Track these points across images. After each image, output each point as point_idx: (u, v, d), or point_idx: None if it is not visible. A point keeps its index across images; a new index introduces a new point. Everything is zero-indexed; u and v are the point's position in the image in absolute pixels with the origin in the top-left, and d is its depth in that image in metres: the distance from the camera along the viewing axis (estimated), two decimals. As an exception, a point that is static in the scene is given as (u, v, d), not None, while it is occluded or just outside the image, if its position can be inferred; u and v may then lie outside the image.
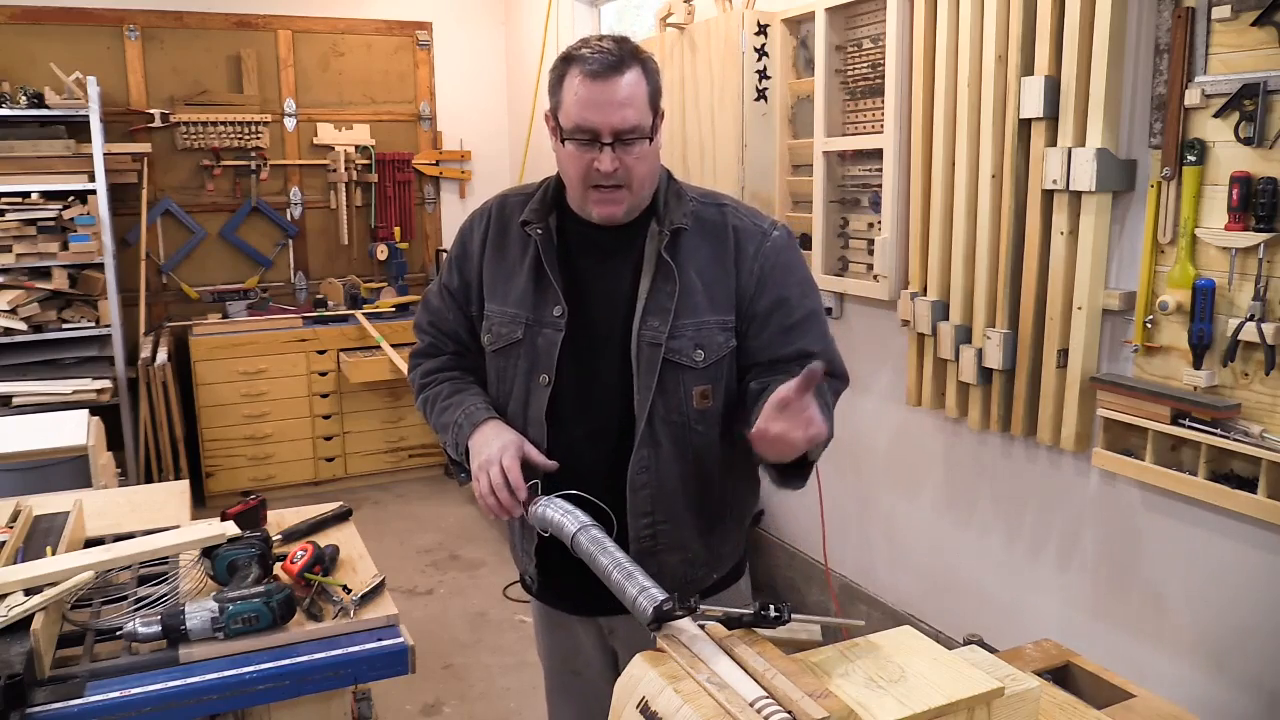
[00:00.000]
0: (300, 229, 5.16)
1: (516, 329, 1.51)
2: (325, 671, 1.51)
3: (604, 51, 1.38)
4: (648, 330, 1.45)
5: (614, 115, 1.37)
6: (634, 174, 1.42)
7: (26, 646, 1.38)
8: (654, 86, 1.43)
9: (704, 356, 1.47)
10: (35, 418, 2.85)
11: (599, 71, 1.37)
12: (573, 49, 1.42)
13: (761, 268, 1.49)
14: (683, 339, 1.46)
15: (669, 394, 1.47)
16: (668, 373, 1.46)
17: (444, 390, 1.62)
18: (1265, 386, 1.88)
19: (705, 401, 1.49)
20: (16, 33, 4.48)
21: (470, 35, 5.43)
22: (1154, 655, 2.18)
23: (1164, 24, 1.97)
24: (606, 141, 1.38)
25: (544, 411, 1.50)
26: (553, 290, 1.48)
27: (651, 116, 1.42)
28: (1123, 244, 2.16)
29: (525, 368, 1.51)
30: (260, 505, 1.93)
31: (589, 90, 1.37)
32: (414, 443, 5.06)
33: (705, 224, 1.50)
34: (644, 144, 1.41)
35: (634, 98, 1.38)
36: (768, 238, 1.51)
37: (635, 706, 1.04)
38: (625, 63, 1.38)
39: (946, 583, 2.81)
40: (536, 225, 1.50)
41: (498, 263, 1.56)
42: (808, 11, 2.96)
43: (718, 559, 1.60)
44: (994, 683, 1.02)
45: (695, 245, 1.48)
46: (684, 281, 1.46)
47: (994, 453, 2.60)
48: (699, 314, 1.47)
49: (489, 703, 3.04)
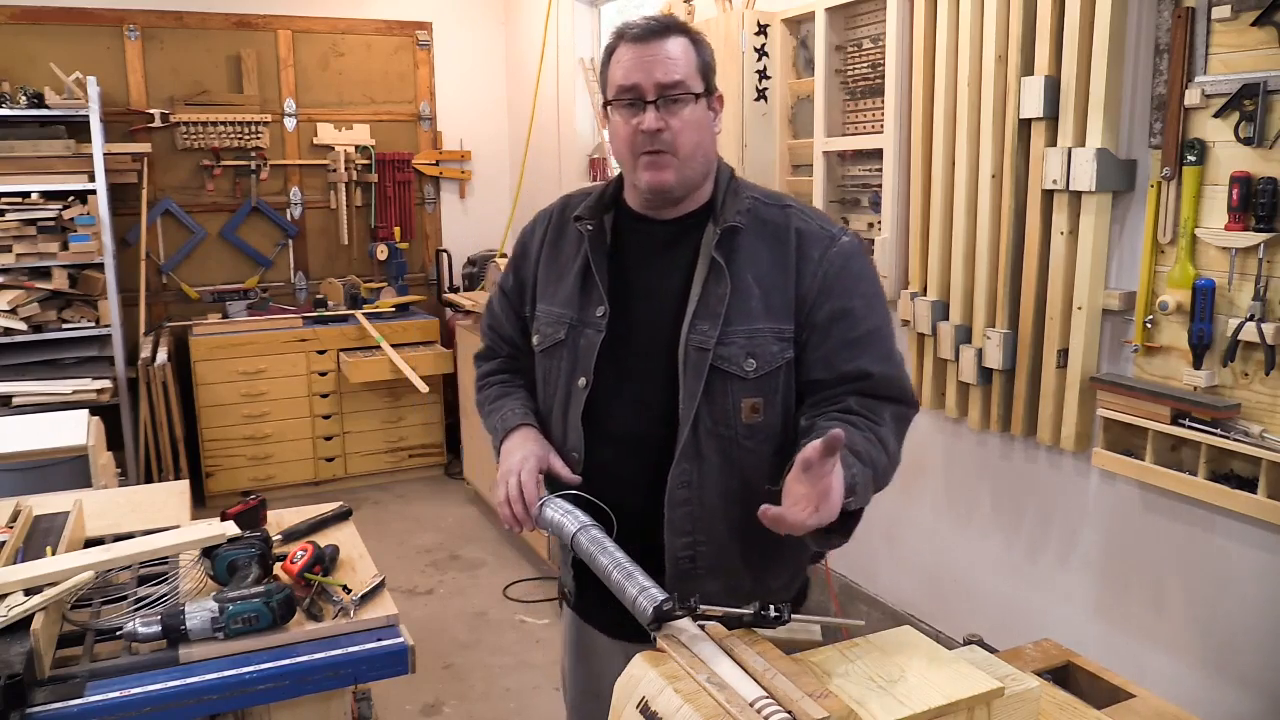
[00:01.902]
0: (300, 229, 5.16)
1: (560, 329, 1.48)
2: (325, 671, 1.51)
3: (650, 19, 1.39)
4: (696, 334, 1.38)
5: (657, 70, 1.34)
6: (680, 138, 1.36)
7: (26, 646, 1.37)
8: (704, 59, 1.39)
9: (755, 366, 1.37)
10: (35, 418, 2.85)
11: (642, 36, 1.37)
12: (623, 24, 1.42)
13: (825, 274, 1.38)
14: (733, 345, 1.37)
15: (716, 404, 1.38)
16: (715, 381, 1.37)
17: (492, 394, 1.61)
18: (1265, 386, 1.88)
19: (755, 415, 1.38)
20: (16, 33, 4.48)
21: (470, 35, 5.43)
22: (1154, 655, 2.18)
23: (1164, 24, 1.97)
24: (650, 99, 1.35)
25: (581, 415, 1.45)
26: (597, 289, 1.44)
27: (702, 84, 1.38)
28: (1123, 244, 2.16)
29: (567, 369, 1.47)
30: (260, 505, 1.93)
31: (632, 52, 1.36)
32: (414, 443, 5.06)
33: (765, 224, 1.42)
34: (690, 105, 1.36)
35: (679, 58, 1.36)
36: (835, 242, 1.41)
37: (635, 706, 1.04)
38: (671, 30, 1.37)
39: (946, 583, 2.81)
40: (588, 221, 1.46)
41: (552, 262, 1.53)
42: (808, 11, 2.96)
43: (766, 593, 1.40)
44: (994, 683, 1.02)
45: (753, 247, 1.40)
46: (738, 284, 1.38)
47: (994, 453, 2.60)
48: (753, 320, 1.38)
49: (489, 703, 3.04)
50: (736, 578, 1.44)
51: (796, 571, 1.55)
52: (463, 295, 4.88)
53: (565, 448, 1.48)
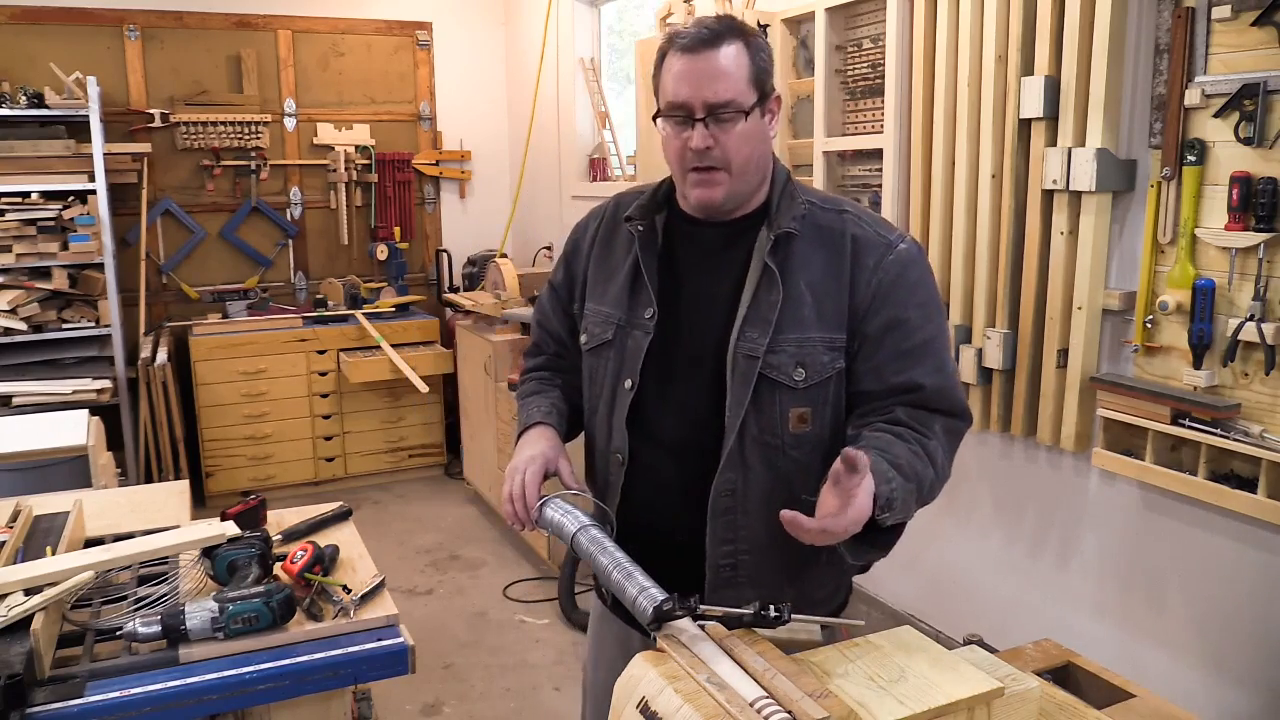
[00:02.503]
0: (300, 229, 5.16)
1: (608, 329, 1.46)
2: (325, 671, 1.51)
3: (701, 26, 1.33)
4: (745, 342, 1.35)
5: (706, 88, 1.30)
6: (731, 153, 1.33)
7: (26, 646, 1.37)
8: (759, 64, 1.33)
9: (805, 376, 1.35)
10: (35, 418, 2.85)
11: (692, 46, 1.31)
12: (674, 30, 1.37)
13: (880, 283, 1.35)
14: (783, 354, 1.34)
15: (764, 412, 1.35)
16: (764, 389, 1.35)
17: (528, 389, 1.61)
18: (1265, 386, 1.88)
19: (803, 425, 1.36)
20: (16, 33, 4.48)
21: (470, 35, 5.43)
22: (1154, 655, 2.18)
23: (1164, 24, 1.97)
24: (699, 117, 1.31)
25: (625, 417, 1.43)
26: (646, 291, 1.42)
27: (755, 95, 1.32)
28: (1123, 244, 2.16)
29: (613, 370, 1.46)
30: (260, 505, 1.93)
31: (682, 64, 1.32)
32: (414, 443, 5.06)
33: (821, 230, 1.38)
34: (741, 121, 1.32)
35: (729, 71, 1.30)
36: (892, 249, 1.36)
37: (635, 706, 1.04)
38: (723, 37, 1.31)
39: (946, 583, 2.80)
40: (639, 222, 1.44)
41: (603, 260, 1.52)
42: (808, 11, 2.96)
43: (808, 604, 1.36)
44: (994, 683, 1.02)
45: (808, 253, 1.37)
46: (790, 292, 1.35)
47: (994, 453, 2.60)
48: (804, 329, 1.35)
49: (489, 703, 3.04)
50: (778, 589, 1.40)
51: (840, 584, 1.52)
52: (463, 295, 4.88)
53: (609, 449, 1.47)
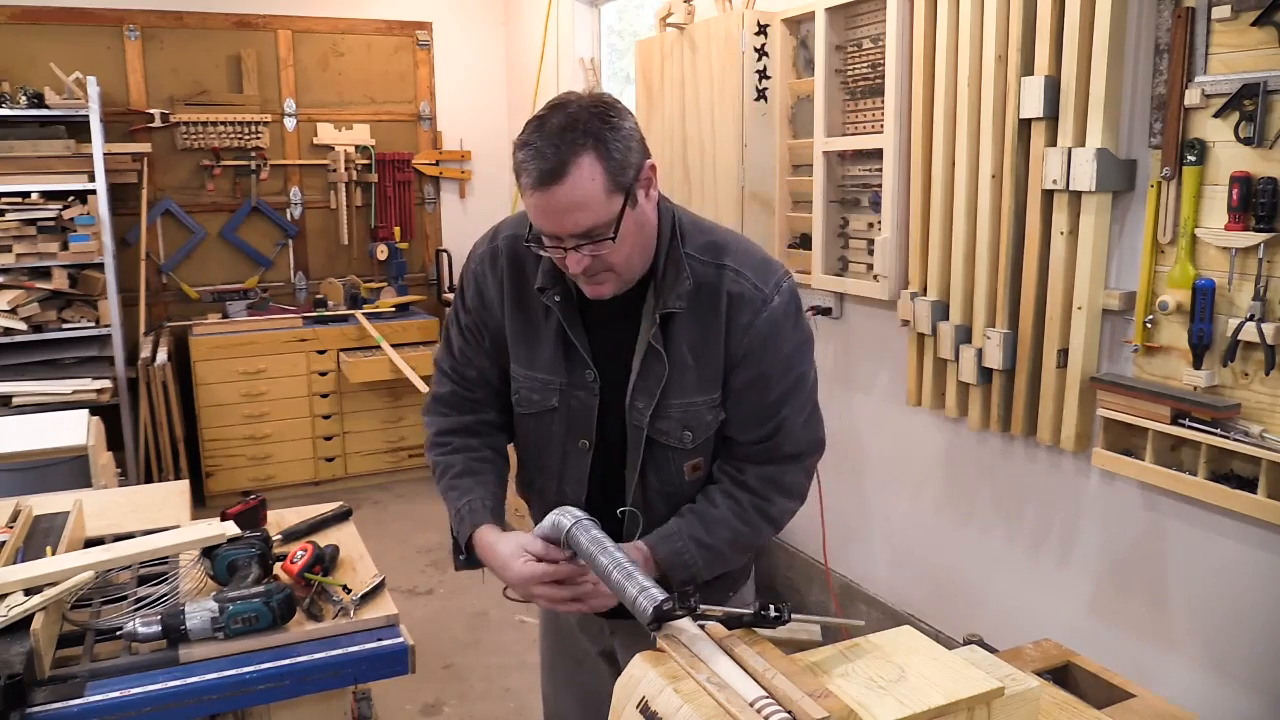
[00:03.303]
0: (300, 229, 5.16)
1: (550, 396, 1.48)
2: (325, 671, 1.51)
3: (540, 155, 1.24)
4: (634, 413, 1.43)
5: (566, 222, 1.27)
6: (611, 261, 1.33)
7: (26, 646, 1.38)
8: (614, 165, 1.26)
9: (692, 437, 1.44)
10: (35, 418, 2.85)
11: (539, 182, 1.25)
12: (518, 142, 1.29)
13: (750, 342, 1.40)
14: (669, 419, 1.42)
15: (660, 468, 1.46)
16: (657, 450, 1.45)
17: (456, 464, 1.54)
18: (1265, 386, 1.88)
19: (697, 472, 1.48)
20: (16, 33, 4.48)
21: (470, 35, 5.43)
22: (1154, 655, 2.18)
23: (1164, 24, 1.97)
24: (570, 247, 1.30)
25: (587, 472, 1.49)
26: (581, 357, 1.45)
27: (620, 200, 1.28)
28: (1123, 244, 2.16)
29: (561, 432, 1.49)
30: (260, 505, 1.93)
31: (535, 200, 1.27)
32: (414, 443, 5.06)
33: (702, 290, 1.40)
34: (609, 241, 1.29)
35: (584, 199, 1.25)
36: (766, 306, 1.40)
37: (635, 706, 1.04)
38: (567, 161, 1.23)
39: (946, 583, 2.81)
40: (554, 292, 1.43)
41: (521, 322, 1.49)
42: (808, 11, 2.96)
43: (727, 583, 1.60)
44: (994, 683, 1.02)
45: (689, 320, 1.40)
46: (674, 359, 1.40)
47: (994, 453, 2.60)
48: (687, 394, 1.42)
49: (489, 703, 3.04)
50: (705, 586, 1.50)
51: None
52: (463, 295, 4.87)
53: (560, 496, 1.51)
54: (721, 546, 1.44)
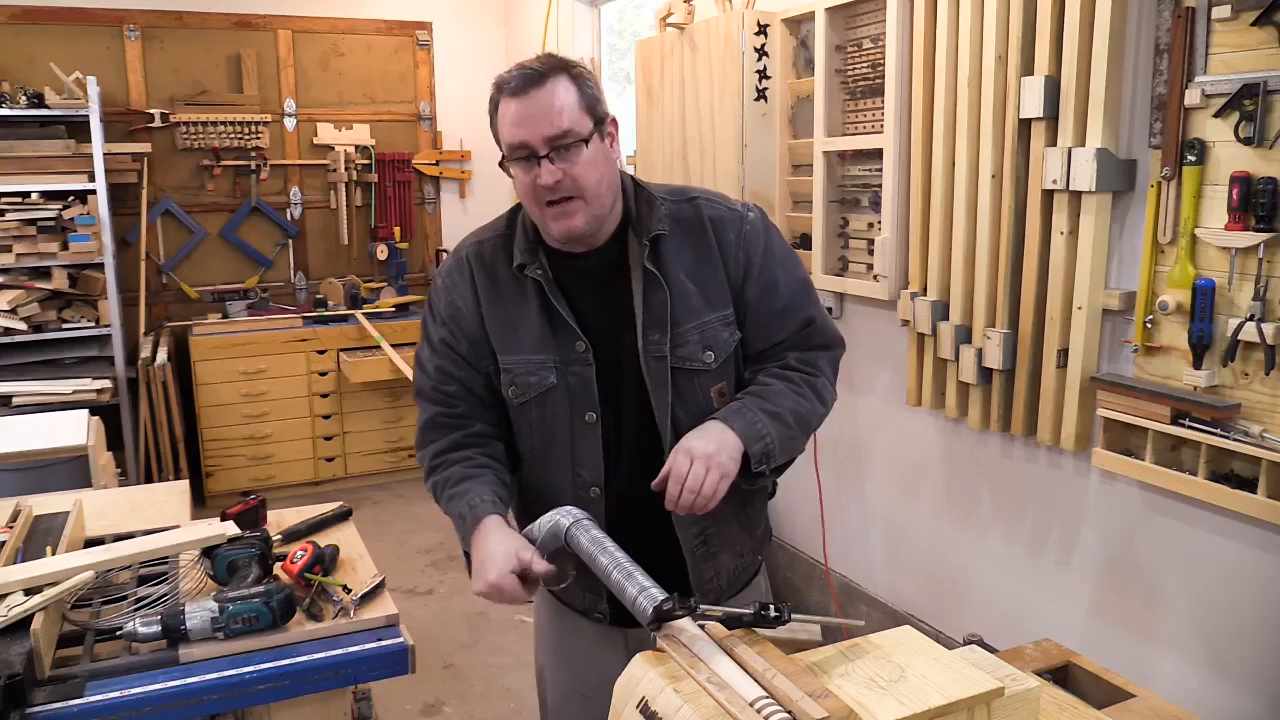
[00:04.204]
0: (300, 229, 5.16)
1: (548, 374, 1.47)
2: (325, 671, 1.51)
3: (525, 68, 1.37)
4: (650, 345, 1.44)
5: (542, 124, 1.34)
6: (582, 182, 1.37)
7: (26, 646, 1.38)
8: (588, 94, 1.39)
9: (714, 356, 1.47)
10: (35, 418, 2.85)
11: (520, 88, 1.35)
12: (500, 77, 1.40)
13: (747, 255, 1.49)
14: (689, 344, 1.45)
15: (688, 400, 1.46)
16: (682, 381, 1.45)
17: (453, 474, 1.49)
18: (1265, 386, 1.88)
19: (724, 399, 1.48)
20: (16, 33, 4.49)
21: (470, 35, 5.43)
22: (1154, 655, 2.18)
23: (1164, 24, 1.97)
24: (543, 154, 1.35)
25: (600, 448, 1.47)
26: (569, 328, 1.45)
27: (591, 121, 1.38)
28: (1123, 244, 2.16)
29: (565, 410, 1.48)
30: (260, 505, 1.93)
31: (515, 107, 1.36)
32: (414, 443, 5.05)
33: (682, 222, 1.48)
34: (583, 149, 1.37)
35: (560, 105, 1.35)
36: (745, 221, 1.50)
37: (635, 706, 1.04)
38: (547, 75, 1.36)
39: (946, 583, 2.81)
40: (534, 266, 1.46)
41: (499, 314, 1.50)
42: (808, 11, 2.96)
43: (759, 543, 1.65)
44: (994, 683, 1.02)
45: (678, 247, 1.47)
46: (674, 286, 1.45)
47: (994, 453, 2.60)
48: (699, 315, 1.46)
49: (489, 703, 3.04)
50: (743, 543, 1.59)
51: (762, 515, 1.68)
52: (463, 295, 4.87)
53: (576, 485, 1.50)
54: (787, 416, 1.43)
